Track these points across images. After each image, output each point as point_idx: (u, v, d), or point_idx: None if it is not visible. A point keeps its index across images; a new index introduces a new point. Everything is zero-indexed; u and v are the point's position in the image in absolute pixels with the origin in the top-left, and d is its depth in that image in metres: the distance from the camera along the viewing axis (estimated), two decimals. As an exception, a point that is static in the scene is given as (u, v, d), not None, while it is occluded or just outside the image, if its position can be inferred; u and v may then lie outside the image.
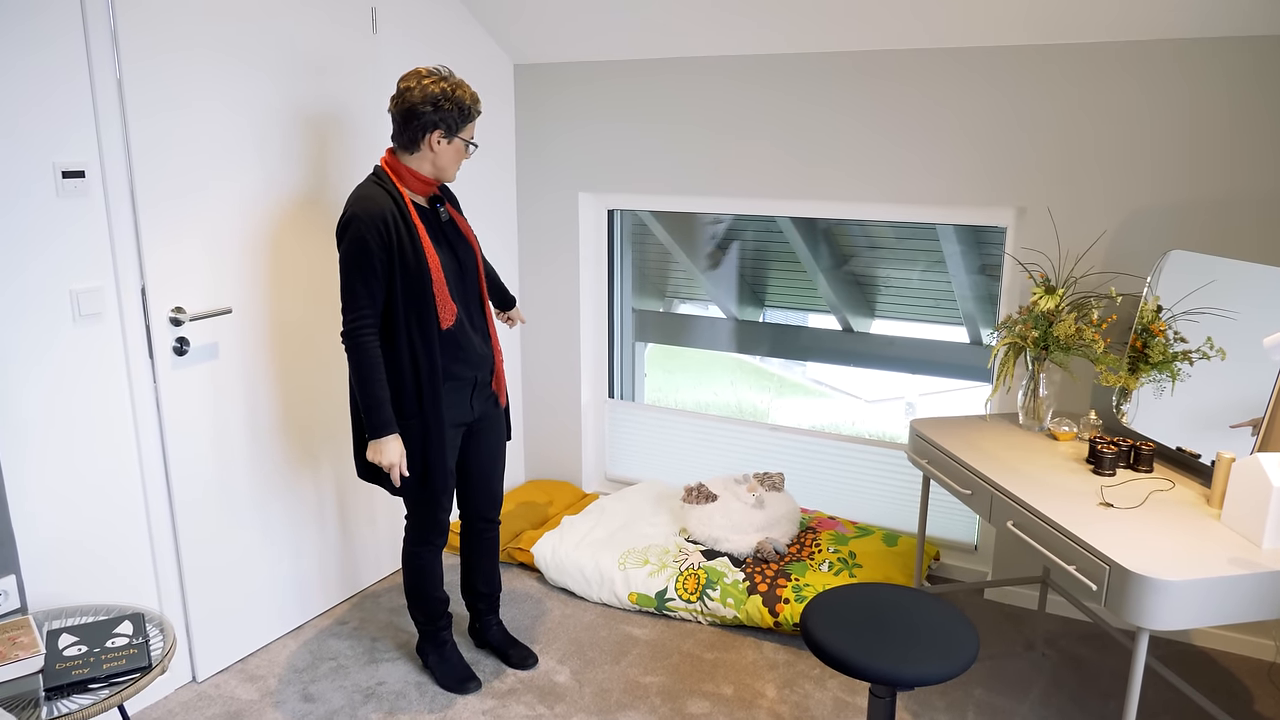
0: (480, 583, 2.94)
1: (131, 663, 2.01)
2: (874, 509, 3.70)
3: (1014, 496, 2.30)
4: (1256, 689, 2.82)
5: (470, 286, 2.60)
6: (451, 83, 2.43)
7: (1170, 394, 2.54)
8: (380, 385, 2.42)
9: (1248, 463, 2.04)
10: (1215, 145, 2.76)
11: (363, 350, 2.40)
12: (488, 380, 2.69)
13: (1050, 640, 3.08)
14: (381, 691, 2.78)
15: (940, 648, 2.00)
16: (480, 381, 2.65)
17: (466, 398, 2.62)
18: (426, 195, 2.54)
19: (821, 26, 3.08)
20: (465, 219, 2.72)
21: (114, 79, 2.36)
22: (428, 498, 2.61)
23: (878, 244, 3.68)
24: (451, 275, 2.52)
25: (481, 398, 2.68)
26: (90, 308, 2.39)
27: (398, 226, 2.41)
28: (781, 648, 3.03)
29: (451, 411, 2.58)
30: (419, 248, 2.42)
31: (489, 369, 2.67)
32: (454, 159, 2.50)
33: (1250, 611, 1.90)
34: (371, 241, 2.37)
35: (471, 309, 2.60)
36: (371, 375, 2.41)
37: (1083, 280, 2.98)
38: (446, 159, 2.49)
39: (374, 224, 2.37)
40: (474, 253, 2.62)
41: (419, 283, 2.42)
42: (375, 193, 2.42)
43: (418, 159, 2.46)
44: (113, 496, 2.51)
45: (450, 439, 2.59)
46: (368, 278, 2.38)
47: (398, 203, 2.43)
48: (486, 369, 2.66)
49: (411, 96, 2.39)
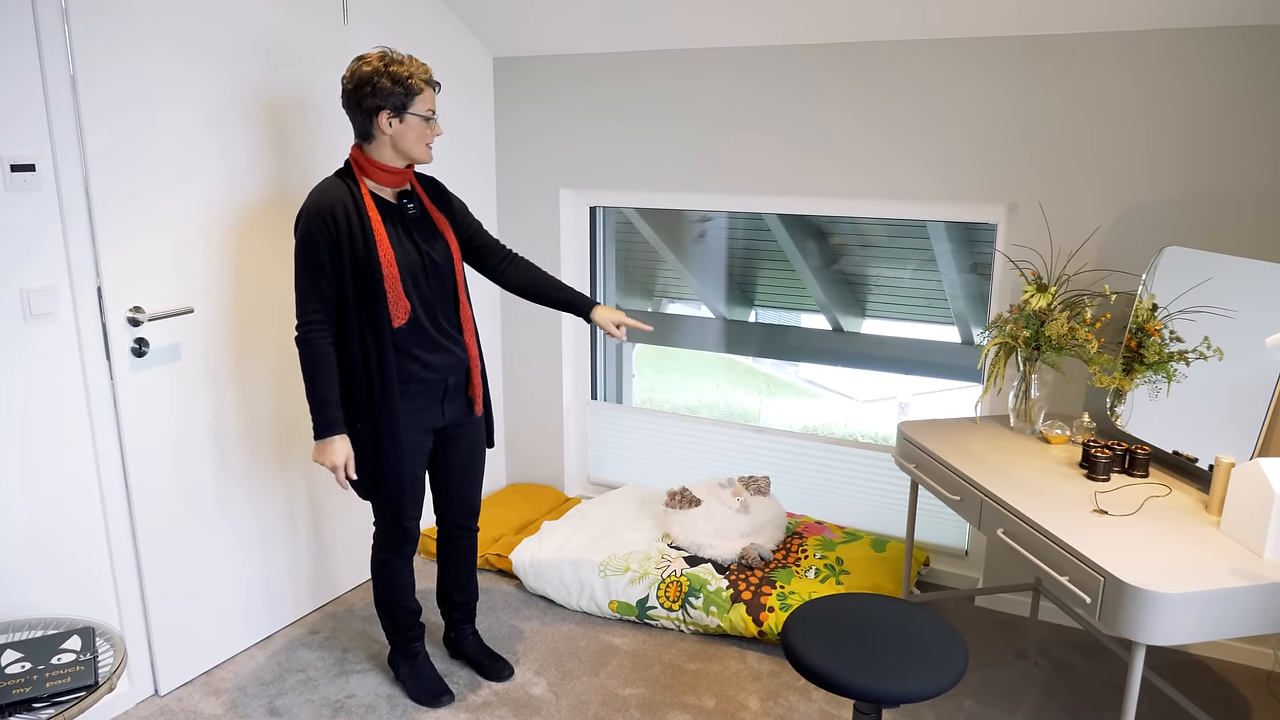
0: (456, 591, 2.84)
1: (77, 680, 1.91)
2: (862, 513, 3.61)
3: (1004, 503, 2.20)
4: (1255, 699, 2.73)
5: (440, 285, 2.48)
6: (386, 59, 2.30)
7: (1166, 396, 2.45)
8: (327, 385, 2.33)
9: (1248, 468, 1.95)
10: (1212, 138, 2.67)
11: (311, 348, 2.33)
12: (462, 385, 2.57)
13: (1042, 649, 2.99)
14: (351, 705, 2.68)
15: (928, 662, 1.91)
16: (452, 386, 2.54)
17: (436, 401, 2.51)
18: (395, 188, 2.42)
19: (814, 15, 2.99)
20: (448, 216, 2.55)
21: (66, 70, 2.26)
22: (388, 505, 2.51)
23: (868, 242, 3.60)
24: (412, 271, 2.39)
25: (454, 403, 2.56)
26: (42, 307, 2.29)
27: (349, 219, 2.31)
28: (766, 658, 2.94)
29: (417, 416, 2.47)
30: (370, 241, 2.32)
31: (462, 373, 2.56)
32: (415, 138, 2.36)
33: (1252, 625, 1.81)
34: (318, 235, 2.29)
35: (438, 309, 2.47)
36: (317, 374, 2.33)
37: (1076, 278, 2.89)
38: (406, 141, 2.35)
39: (321, 217, 2.29)
40: (450, 250, 2.50)
41: (369, 278, 2.32)
42: (331, 185, 2.34)
43: (376, 147, 2.35)
44: (68, 505, 2.40)
45: (414, 444, 2.48)
46: (315, 275, 2.30)
47: (353, 193, 2.34)
48: (459, 373, 2.54)
49: (348, 85, 2.30)
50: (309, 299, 2.31)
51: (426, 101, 2.36)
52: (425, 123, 2.36)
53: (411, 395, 2.45)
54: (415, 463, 2.50)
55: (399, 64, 2.31)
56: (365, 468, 2.45)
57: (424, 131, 2.37)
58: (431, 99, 2.38)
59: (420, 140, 2.37)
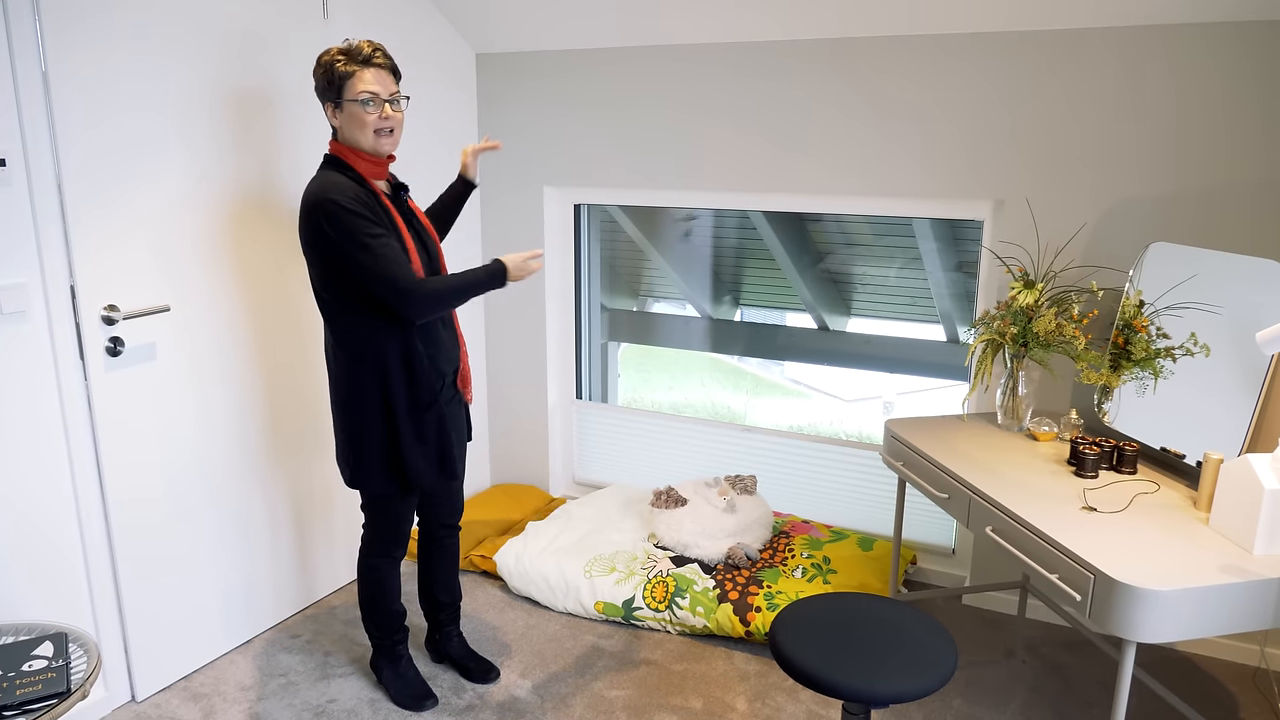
0: (440, 591, 2.80)
1: (49, 688, 1.86)
2: (849, 512, 3.59)
3: (993, 500, 2.19)
4: (1242, 695, 2.73)
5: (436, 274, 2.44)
6: (330, 51, 2.23)
7: (1153, 392, 2.44)
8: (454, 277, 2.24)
9: (1237, 464, 1.94)
10: (1198, 134, 2.67)
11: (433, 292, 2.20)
12: (454, 378, 2.55)
13: (1031, 647, 2.98)
14: (333, 710, 2.64)
15: (917, 662, 1.89)
16: (449, 379, 2.51)
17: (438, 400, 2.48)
18: (380, 179, 2.36)
19: (799, 11, 2.97)
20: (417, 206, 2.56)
21: (38, 65, 2.21)
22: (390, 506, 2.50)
23: (854, 241, 3.58)
24: (425, 266, 2.37)
25: (447, 396, 2.53)
26: (13, 305, 2.24)
27: (374, 206, 2.23)
28: (753, 658, 2.92)
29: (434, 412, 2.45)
30: (399, 234, 2.27)
31: (456, 365, 2.53)
32: (357, 126, 2.22)
33: (1242, 622, 1.80)
34: (360, 213, 2.16)
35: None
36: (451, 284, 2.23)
37: (1062, 274, 2.88)
38: (351, 130, 2.23)
39: (357, 200, 2.18)
40: (436, 240, 2.48)
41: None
42: (336, 178, 2.22)
43: (347, 146, 2.28)
44: (41, 508, 2.35)
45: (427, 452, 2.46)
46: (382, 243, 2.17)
47: (362, 183, 2.27)
48: (455, 361, 2.52)
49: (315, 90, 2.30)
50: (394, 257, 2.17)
51: (362, 83, 2.20)
52: (363, 107, 2.21)
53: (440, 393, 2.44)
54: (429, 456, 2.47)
55: (329, 53, 2.22)
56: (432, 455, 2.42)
57: (363, 118, 2.21)
58: (372, 80, 2.21)
59: (363, 128, 2.22)
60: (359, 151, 2.27)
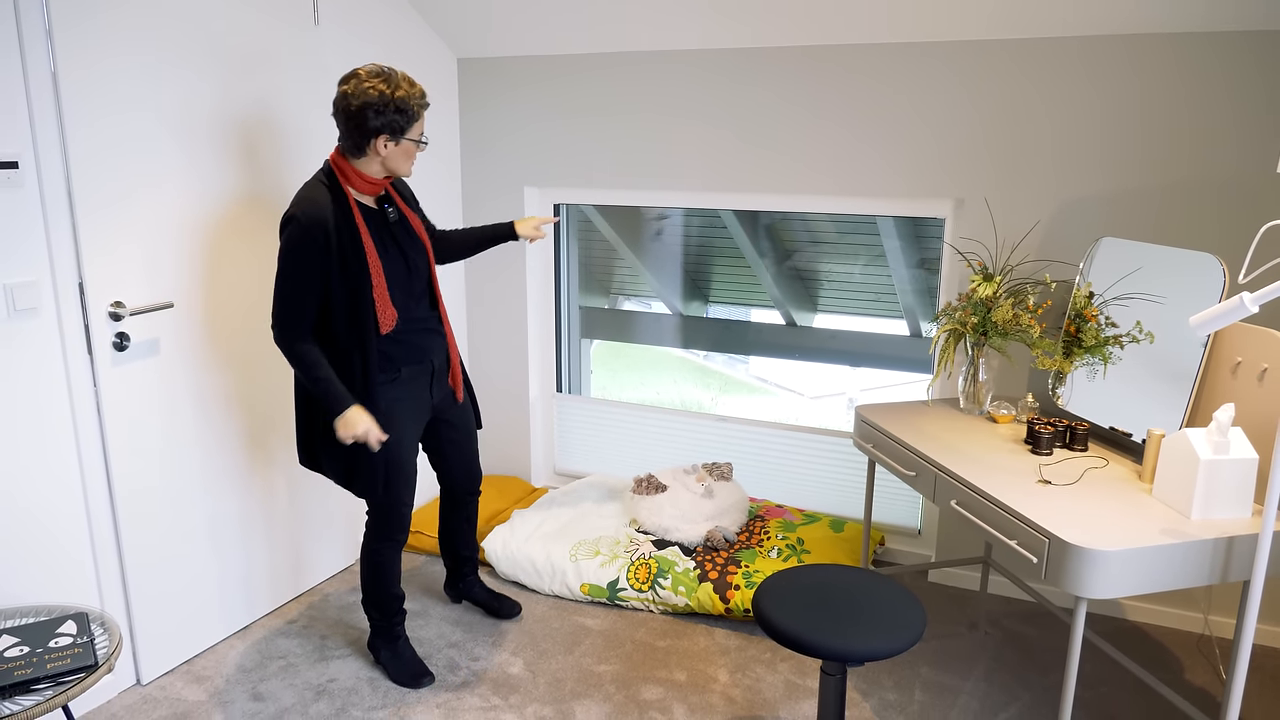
0: (462, 547, 3.12)
1: (77, 662, 1.97)
2: (820, 497, 3.76)
3: (957, 476, 2.36)
4: (1187, 659, 2.93)
5: (418, 285, 2.59)
6: (392, 83, 2.35)
7: (1103, 377, 2.63)
8: (321, 370, 2.42)
9: (1176, 438, 2.13)
10: (1143, 138, 2.87)
11: (297, 355, 2.42)
12: (445, 368, 2.71)
13: (993, 619, 3.17)
14: (333, 689, 2.75)
15: (888, 624, 2.05)
16: (438, 368, 2.68)
17: (426, 386, 2.65)
18: (374, 195, 2.51)
19: (768, 22, 3.13)
20: (417, 212, 2.70)
21: (48, 69, 2.31)
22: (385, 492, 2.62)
23: (820, 239, 3.75)
24: (397, 277, 2.50)
25: (440, 384, 2.71)
26: (25, 302, 2.33)
27: (339, 231, 2.38)
28: (733, 634, 3.07)
29: (412, 400, 2.61)
30: (361, 253, 2.40)
31: (444, 355, 2.70)
32: (404, 159, 2.45)
33: (1181, 579, 1.98)
34: (308, 248, 2.34)
35: (417, 307, 2.59)
36: (310, 368, 2.42)
37: (1019, 268, 3.08)
38: (396, 161, 2.44)
39: (312, 231, 2.34)
40: (425, 251, 2.60)
41: (359, 288, 2.40)
42: (319, 195, 2.38)
43: (364, 162, 2.43)
44: (51, 498, 2.44)
45: (409, 431, 2.61)
46: (301, 287, 2.37)
47: (341, 205, 2.40)
48: (442, 354, 2.69)
49: (351, 102, 2.33)
50: (289, 314, 2.39)
51: (421, 125, 2.46)
52: (416, 145, 2.46)
53: (404, 381, 2.58)
54: (407, 447, 2.61)
55: (400, 88, 2.35)
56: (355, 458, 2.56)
57: (413, 154, 2.47)
58: (424, 121, 2.49)
59: (407, 161, 2.46)
60: (362, 172, 2.42)
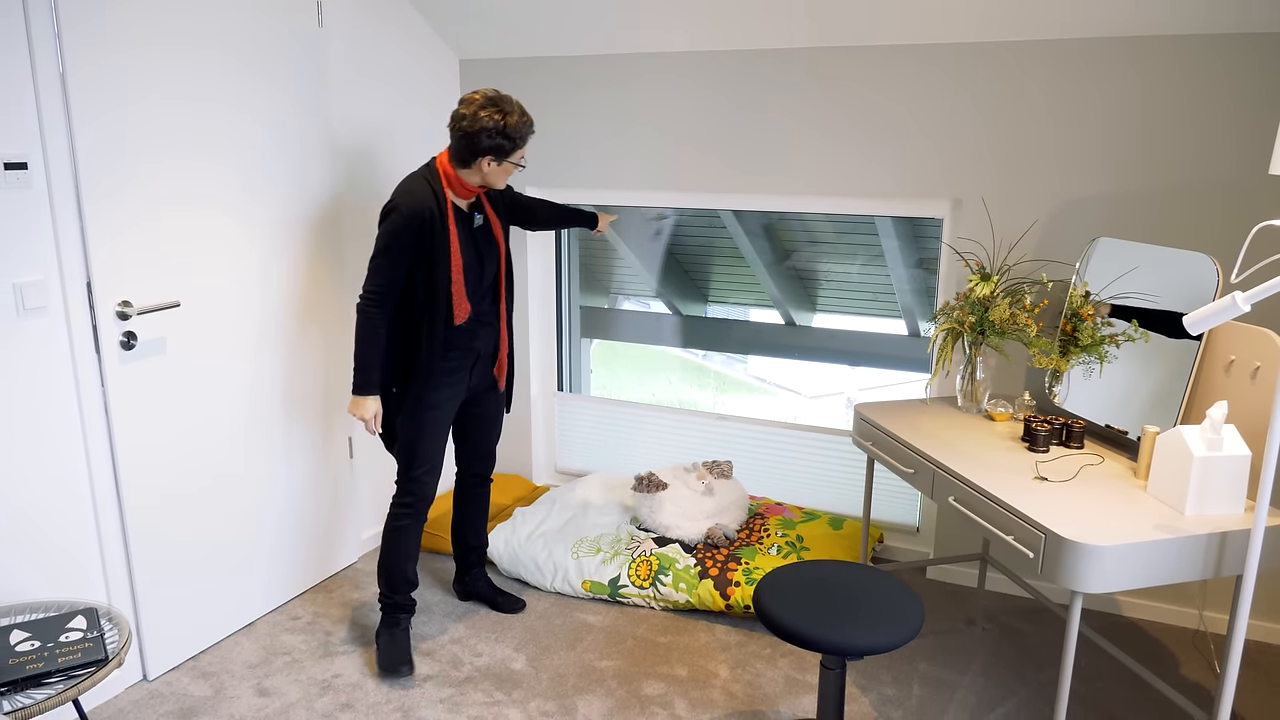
0: (471, 535, 3.21)
1: (87, 656, 1.99)
2: (819, 495, 3.79)
3: (955, 473, 2.39)
4: (1181, 654, 2.97)
5: (487, 286, 2.84)
6: (504, 112, 2.59)
7: (1099, 375, 2.66)
8: (374, 354, 2.67)
9: (1170, 435, 2.16)
10: (1139, 139, 2.90)
11: (369, 321, 2.65)
12: (490, 357, 2.93)
13: (990, 615, 3.20)
14: (338, 684, 2.78)
15: (887, 618, 2.09)
16: (482, 356, 2.89)
17: (467, 369, 2.86)
18: (468, 200, 2.73)
19: (765, 24, 3.16)
20: (500, 218, 2.88)
21: (56, 70, 2.33)
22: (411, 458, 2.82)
23: (819, 239, 3.78)
24: (473, 276, 2.75)
25: (480, 372, 2.92)
26: (34, 302, 2.36)
27: (434, 227, 2.63)
28: (733, 629, 3.10)
29: (450, 380, 2.81)
30: (448, 250, 2.66)
31: (493, 345, 2.92)
32: (502, 176, 2.71)
33: (1175, 573, 2.01)
34: (407, 235, 2.60)
35: (483, 303, 2.84)
36: (368, 344, 2.66)
37: (1016, 268, 3.11)
38: (495, 177, 2.70)
39: (413, 221, 2.61)
40: (498, 256, 2.85)
41: (441, 281, 2.66)
42: (422, 191, 2.63)
43: (468, 173, 2.67)
44: (59, 495, 2.47)
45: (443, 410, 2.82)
46: (394, 263, 2.62)
47: (439, 203, 2.63)
48: (490, 345, 2.90)
49: (467, 126, 2.58)
50: (379, 280, 2.64)
51: (524, 150, 2.77)
52: (516, 168, 2.72)
53: (449, 363, 2.78)
54: (440, 419, 2.80)
55: (512, 116, 2.61)
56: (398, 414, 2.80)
57: (511, 170, 2.72)
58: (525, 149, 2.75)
59: (504, 177, 2.72)
60: (464, 180, 2.68)
